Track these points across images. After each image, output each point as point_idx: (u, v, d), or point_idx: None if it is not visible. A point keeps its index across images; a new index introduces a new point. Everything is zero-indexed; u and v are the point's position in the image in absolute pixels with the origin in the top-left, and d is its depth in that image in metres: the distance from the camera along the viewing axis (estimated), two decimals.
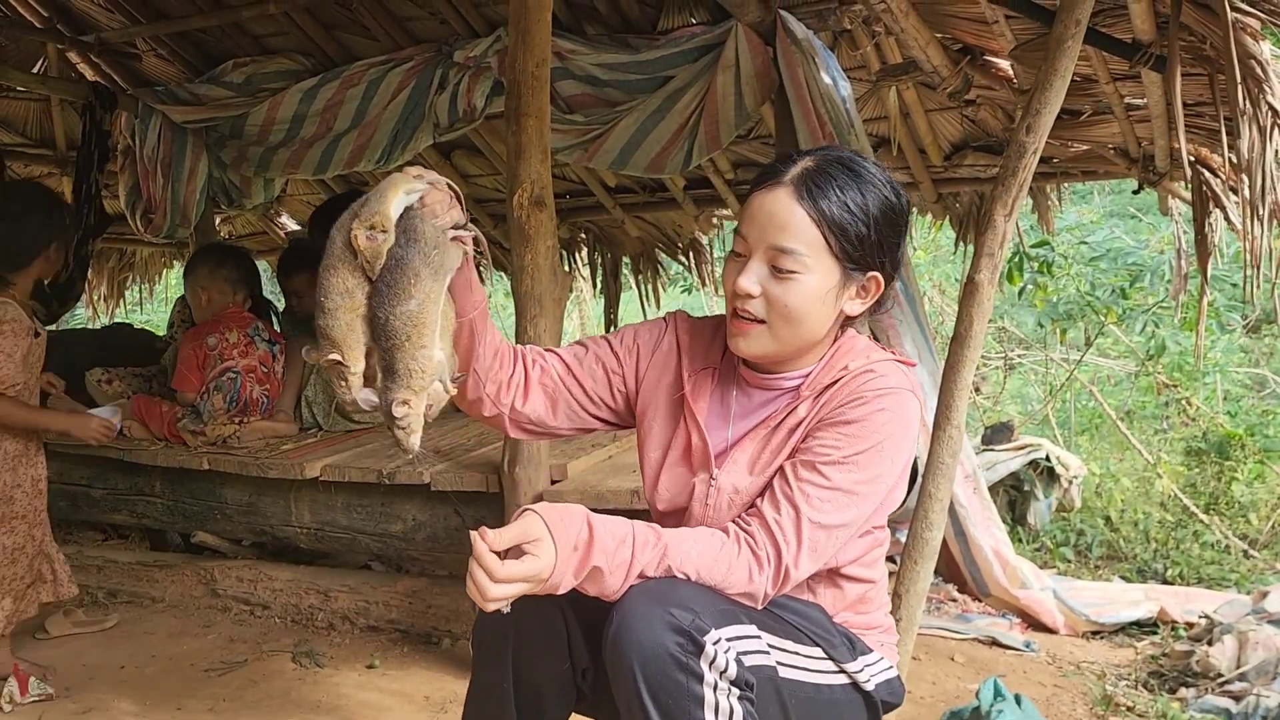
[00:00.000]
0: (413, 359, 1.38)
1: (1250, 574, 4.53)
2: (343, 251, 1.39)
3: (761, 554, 1.44)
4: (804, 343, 1.53)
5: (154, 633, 3.15)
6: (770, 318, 1.50)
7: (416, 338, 1.37)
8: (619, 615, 1.37)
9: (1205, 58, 2.59)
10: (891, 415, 1.49)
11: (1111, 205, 8.55)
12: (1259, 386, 6.74)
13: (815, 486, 1.47)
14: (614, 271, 5.98)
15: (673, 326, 1.73)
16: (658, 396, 1.69)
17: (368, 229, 1.36)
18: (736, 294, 1.51)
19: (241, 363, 3.51)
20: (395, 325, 1.36)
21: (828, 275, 1.48)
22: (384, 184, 1.41)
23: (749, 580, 1.44)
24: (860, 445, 1.47)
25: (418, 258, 1.37)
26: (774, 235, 1.48)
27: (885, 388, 1.50)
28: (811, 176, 1.49)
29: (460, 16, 3.99)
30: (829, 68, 3.42)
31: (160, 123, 4.50)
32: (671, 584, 1.40)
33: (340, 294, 1.38)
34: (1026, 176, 2.07)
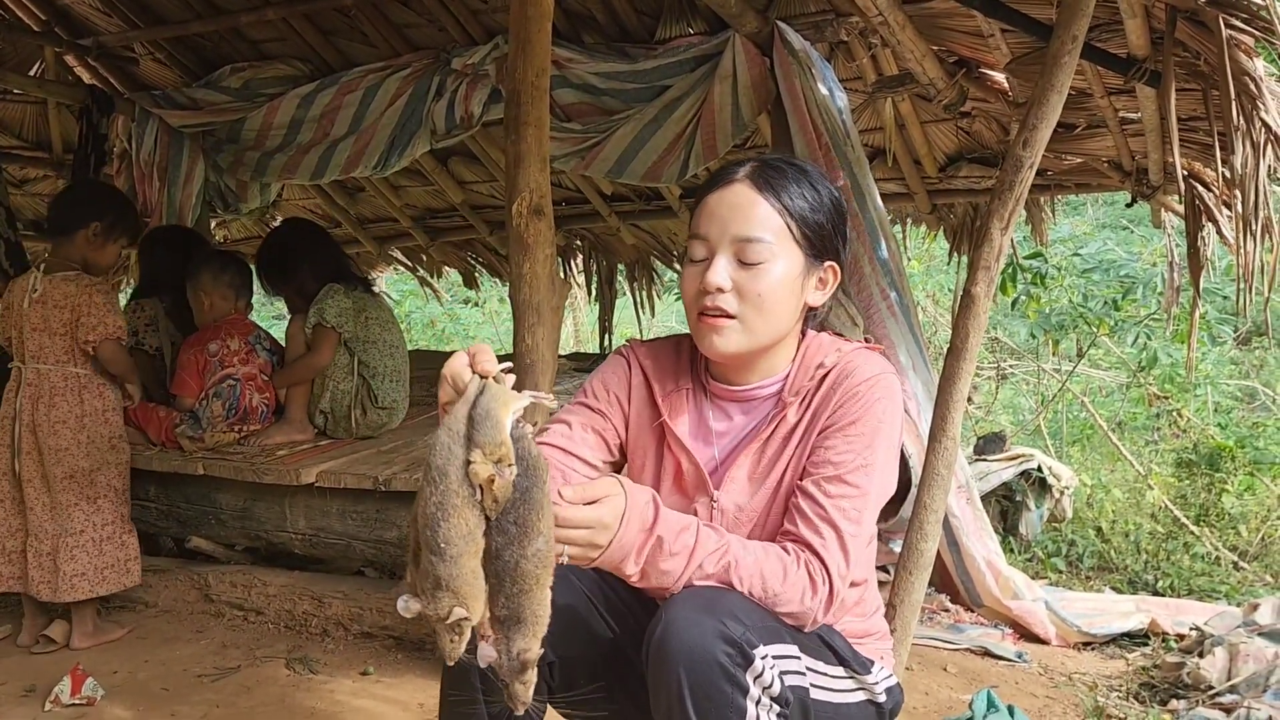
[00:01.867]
0: (540, 604, 1.24)
1: (1240, 586, 4.55)
2: (460, 487, 1.21)
3: (817, 577, 1.46)
4: (776, 334, 1.57)
5: (146, 638, 3.14)
6: (742, 310, 1.52)
7: (546, 578, 1.24)
8: (667, 617, 1.36)
9: (1199, 73, 2.62)
10: (887, 402, 1.54)
11: (1104, 217, 8.59)
12: (1249, 399, 6.77)
13: (847, 499, 1.49)
14: (609, 279, 6.00)
15: (634, 357, 1.73)
16: (641, 430, 1.70)
17: (494, 463, 1.21)
18: (705, 291, 1.53)
19: (242, 370, 3.50)
20: (527, 568, 1.22)
21: (793, 262, 1.54)
22: (489, 402, 1.25)
23: (801, 601, 1.45)
24: (868, 441, 1.51)
25: (539, 489, 1.23)
26: (739, 226, 1.52)
27: (873, 377, 1.55)
28: (764, 172, 1.56)
29: (459, 24, 4.00)
30: (826, 79, 3.45)
31: (157, 127, 4.51)
32: (721, 593, 1.40)
33: (463, 538, 1.20)
34: (1023, 191, 2.09)
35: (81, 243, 3.20)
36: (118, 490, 3.20)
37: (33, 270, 3.19)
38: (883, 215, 3.55)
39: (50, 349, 3.12)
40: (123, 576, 3.15)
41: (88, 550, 3.09)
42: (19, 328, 3.13)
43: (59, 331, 3.11)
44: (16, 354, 3.17)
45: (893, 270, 3.50)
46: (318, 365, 3.50)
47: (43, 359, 3.12)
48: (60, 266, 3.17)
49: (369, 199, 5.68)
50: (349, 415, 3.54)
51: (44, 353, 3.12)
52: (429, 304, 9.80)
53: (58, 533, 3.07)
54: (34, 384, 3.12)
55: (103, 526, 3.13)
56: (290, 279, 3.69)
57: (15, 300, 3.15)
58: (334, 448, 3.43)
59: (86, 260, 3.21)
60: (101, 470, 3.16)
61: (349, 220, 5.82)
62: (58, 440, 3.10)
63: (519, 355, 2.48)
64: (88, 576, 3.07)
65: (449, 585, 1.20)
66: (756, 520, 1.58)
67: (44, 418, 3.10)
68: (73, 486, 3.11)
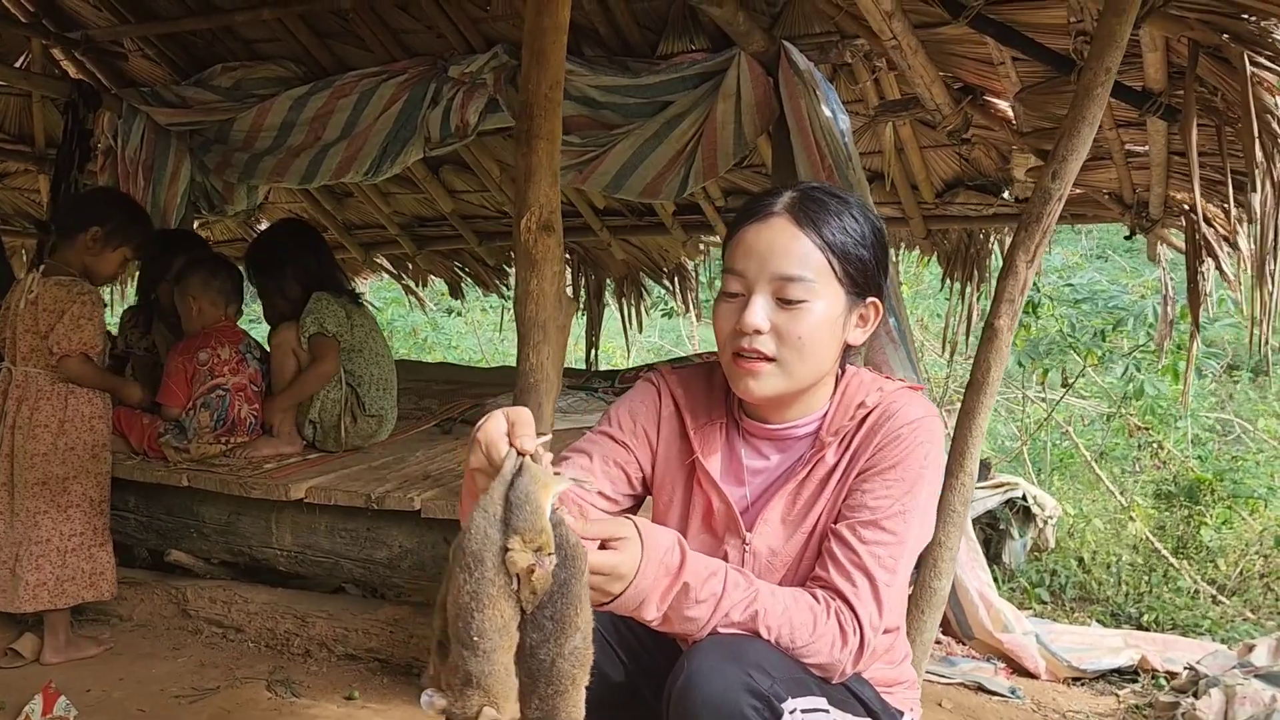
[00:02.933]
0: (576, 705, 1.15)
1: (1221, 620, 4.56)
2: (496, 575, 1.12)
3: (848, 628, 1.39)
4: (816, 377, 1.49)
5: (121, 654, 3.03)
6: (781, 353, 1.44)
7: (582, 677, 1.15)
8: (690, 667, 1.30)
9: (1214, 109, 2.61)
10: (930, 447, 1.47)
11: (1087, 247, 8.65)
12: (1225, 432, 6.82)
13: (883, 546, 1.42)
14: (597, 293, 5.94)
15: (664, 385, 1.65)
16: (670, 465, 1.62)
17: (533, 552, 1.12)
18: (742, 332, 1.45)
19: (232, 380, 3.40)
20: (563, 668, 1.14)
21: (835, 302, 1.46)
22: (528, 485, 1.16)
23: (830, 651, 1.38)
24: (908, 486, 1.45)
25: (578, 580, 1.15)
26: (779, 264, 1.44)
27: (916, 420, 1.48)
28: (805, 205, 1.47)
29: (458, 32, 3.94)
30: (829, 100, 3.42)
31: (144, 124, 4.42)
32: (748, 642, 1.33)
33: (498, 631, 1.12)
34: (1050, 223, 2.05)
35: (80, 247, 3.11)
36: (93, 501, 3.10)
37: (33, 271, 3.13)
38: None
39: (39, 352, 3.04)
40: (85, 590, 3.03)
41: (51, 560, 2.98)
42: (13, 328, 3.06)
43: (47, 334, 3.03)
44: (9, 355, 3.10)
45: (891, 296, 3.48)
46: (327, 374, 3.42)
47: (32, 361, 3.05)
48: (58, 270, 3.09)
49: (357, 204, 5.60)
50: (339, 424, 3.46)
51: (34, 355, 3.05)
52: (412, 312, 9.69)
53: (20, 540, 2.97)
54: (21, 385, 3.04)
55: (70, 537, 3.03)
56: (277, 280, 3.61)
57: (13, 300, 3.08)
58: (323, 462, 3.33)
59: (86, 266, 3.13)
60: (77, 479, 3.06)
61: (335, 225, 5.73)
62: (35, 445, 3.01)
63: (523, 374, 2.42)
64: (48, 587, 2.96)
65: (480, 682, 1.12)
66: (790, 566, 1.51)
67: (25, 420, 3.01)
68: (43, 494, 3.01)
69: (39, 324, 3.02)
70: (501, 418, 1.26)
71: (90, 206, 3.24)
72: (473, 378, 5.01)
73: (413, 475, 3.11)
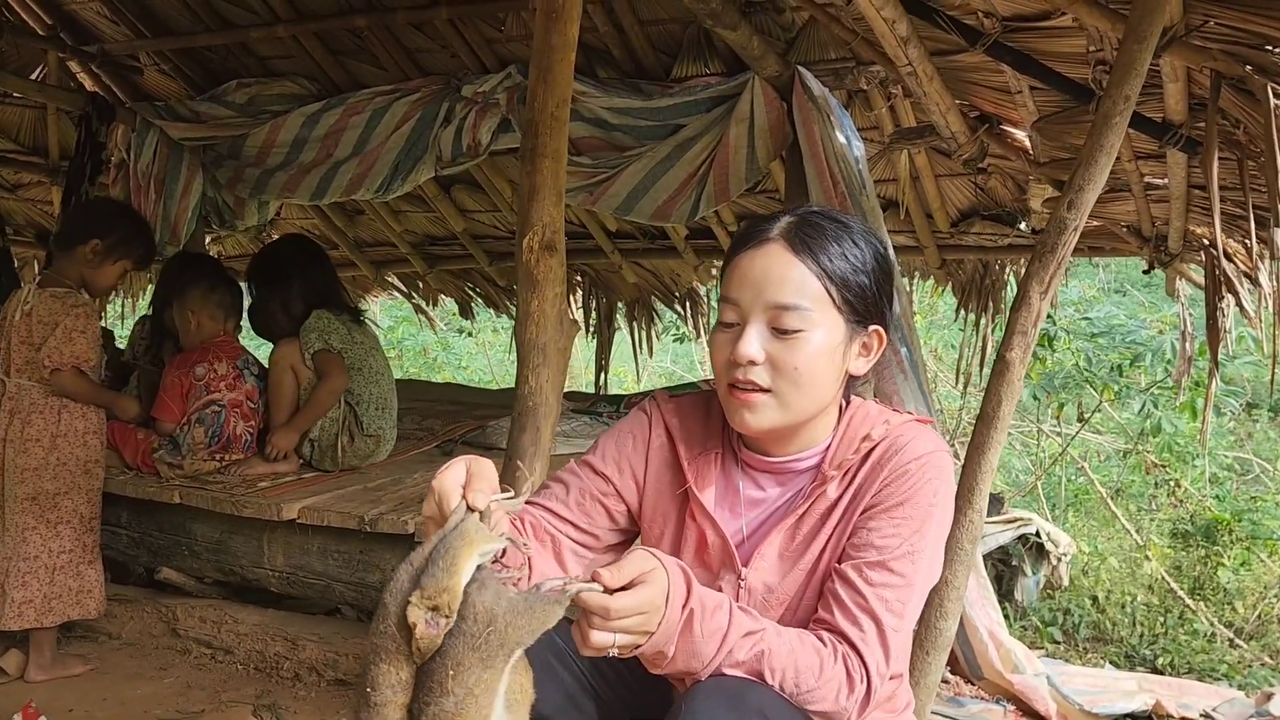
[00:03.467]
0: None
1: (1239, 665, 4.45)
2: (397, 630, 1.12)
3: (855, 674, 1.32)
4: (814, 409, 1.44)
5: (108, 672, 2.98)
6: (777, 384, 1.39)
7: None
8: (689, 710, 1.24)
9: (1236, 143, 2.55)
10: (939, 484, 1.41)
11: (1105, 281, 8.57)
12: (1244, 471, 6.71)
13: (890, 589, 1.36)
14: (608, 316, 5.90)
15: (657, 414, 1.59)
16: (661, 496, 1.55)
17: (429, 609, 1.10)
18: (735, 363, 1.39)
19: (228, 396, 3.37)
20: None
21: (833, 331, 1.41)
22: (454, 540, 1.14)
23: (836, 699, 1.31)
24: (917, 525, 1.39)
25: (461, 641, 1.11)
26: (773, 293, 1.39)
27: (925, 455, 1.42)
28: (801, 230, 1.42)
29: (472, 51, 3.93)
30: (844, 126, 3.38)
31: (157, 138, 4.42)
32: (750, 687, 1.27)
33: (390, 686, 1.12)
34: (1066, 253, 1.99)
35: (80, 259, 3.09)
36: (84, 518, 3.05)
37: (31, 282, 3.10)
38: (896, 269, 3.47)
39: (33, 364, 3.01)
40: (72, 608, 2.98)
41: (39, 577, 2.93)
42: (7, 340, 3.03)
43: (36, 346, 3.00)
44: (3, 367, 3.05)
45: (903, 325, 3.42)
46: (339, 389, 3.40)
47: (26, 374, 3.01)
48: (55, 281, 3.07)
49: (368, 222, 5.59)
50: (335, 444, 3.41)
51: (28, 368, 3.01)
52: (422, 332, 9.68)
53: (9, 556, 2.92)
54: (14, 398, 3.00)
55: (59, 554, 2.97)
56: (278, 294, 3.58)
57: (9, 311, 3.05)
58: (318, 481, 3.29)
59: (84, 278, 3.10)
60: (68, 495, 3.01)
61: (346, 243, 5.72)
62: (27, 459, 2.97)
63: (522, 397, 2.36)
64: (35, 605, 2.91)
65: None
66: (789, 604, 1.45)
67: (16, 434, 2.97)
68: (33, 509, 2.96)
69: (33, 336, 2.99)
70: (462, 468, 1.23)
71: (91, 219, 3.22)
72: (478, 399, 4.96)
73: (409, 497, 3.06)
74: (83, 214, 3.30)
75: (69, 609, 2.98)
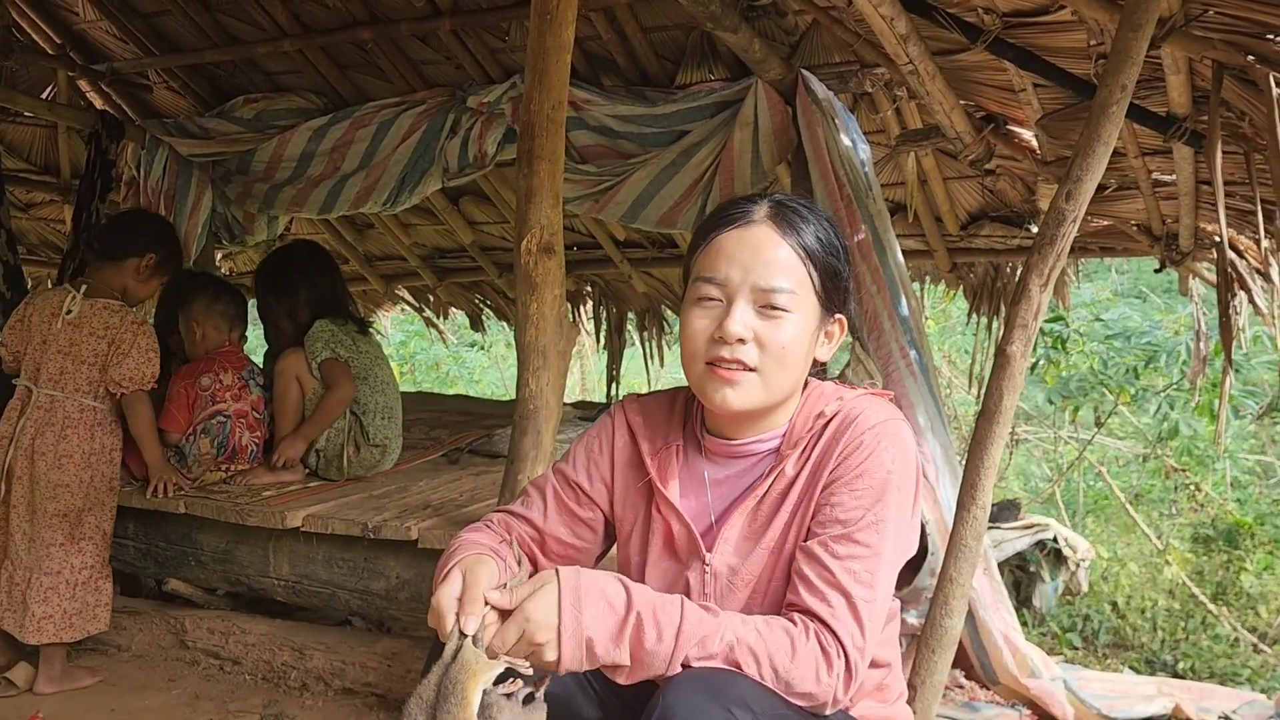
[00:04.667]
0: None
1: (1262, 669, 4.39)
2: None
3: (830, 650, 1.29)
4: (790, 390, 1.45)
5: (116, 684, 2.97)
6: (764, 363, 1.40)
7: None
8: (666, 703, 1.22)
9: (1241, 135, 2.52)
10: (896, 451, 1.40)
11: (1121, 284, 8.50)
12: (1266, 474, 6.62)
13: (857, 560, 1.34)
14: (618, 327, 5.89)
15: (621, 415, 1.61)
16: (628, 493, 1.56)
17: None
18: (723, 341, 1.39)
19: (234, 406, 3.37)
20: None
21: (810, 315, 1.44)
22: (458, 673, 1.22)
23: (816, 679, 1.28)
24: (877, 494, 1.37)
25: None
26: (762, 273, 1.40)
27: (878, 424, 1.42)
28: (784, 214, 1.44)
29: (476, 62, 3.94)
30: (849, 130, 3.37)
31: (166, 155, 4.45)
32: (729, 677, 1.25)
33: None
34: (1065, 245, 1.97)
35: (130, 271, 3.06)
36: (105, 534, 3.02)
37: (68, 289, 3.00)
38: (903, 271, 3.45)
39: (72, 376, 2.93)
40: (89, 623, 2.96)
41: (60, 593, 2.90)
42: (41, 347, 2.94)
43: (88, 360, 2.93)
44: (28, 374, 2.98)
45: (913, 328, 3.39)
46: (347, 398, 3.39)
47: (61, 385, 2.93)
48: (101, 292, 3.00)
49: (377, 236, 5.61)
50: (341, 453, 3.40)
51: (64, 379, 2.93)
52: (434, 346, 9.70)
53: (31, 569, 2.90)
54: (45, 409, 2.93)
55: (80, 570, 2.95)
56: (284, 300, 3.58)
57: (41, 318, 2.96)
58: (324, 490, 3.28)
59: (126, 290, 3.07)
60: (93, 511, 2.98)
61: (356, 257, 5.74)
62: (60, 475, 2.91)
63: (522, 400, 2.35)
64: (54, 620, 2.89)
65: None
66: (755, 586, 1.43)
67: (49, 447, 2.90)
68: (62, 525, 2.92)
69: (81, 348, 2.91)
70: (458, 581, 1.29)
71: (144, 231, 3.16)
72: (487, 409, 4.95)
73: (413, 505, 3.05)
74: (132, 226, 3.20)
75: (88, 624, 2.95)
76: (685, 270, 1.51)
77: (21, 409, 2.96)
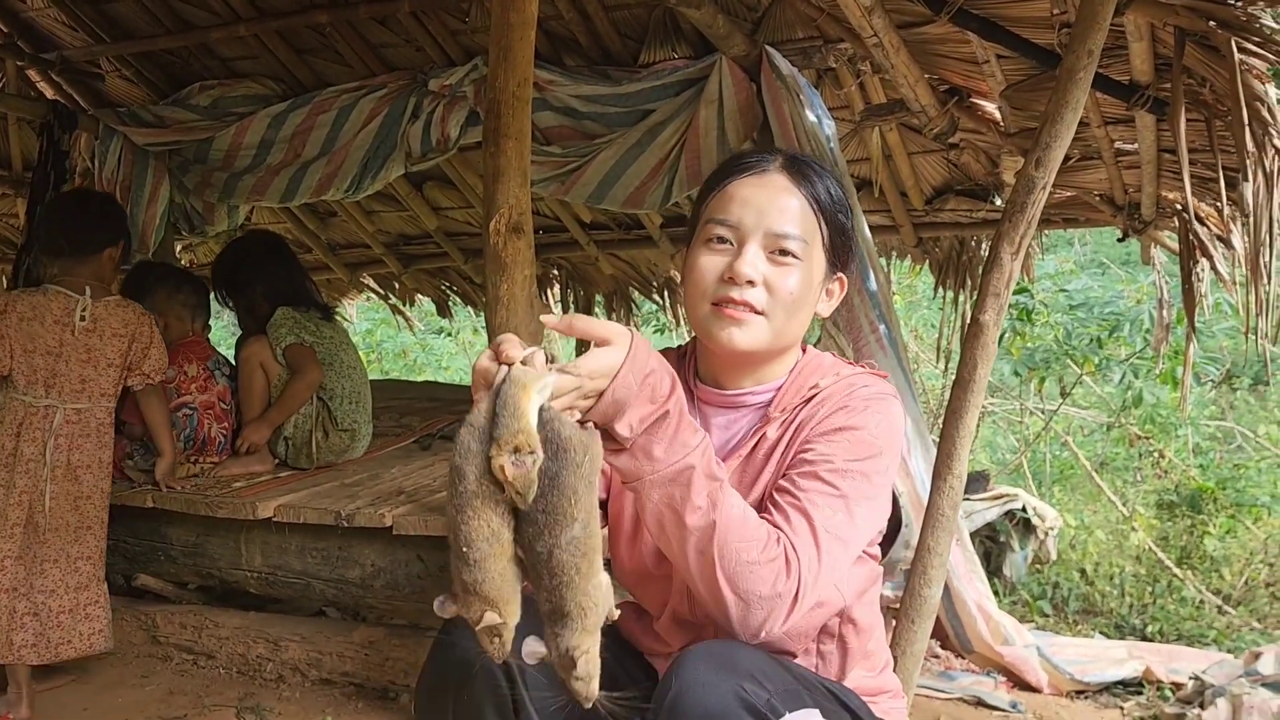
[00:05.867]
0: (585, 594, 1.16)
1: (1228, 631, 4.47)
2: (479, 486, 1.15)
3: (792, 561, 1.27)
4: (792, 340, 1.47)
5: (88, 683, 2.93)
6: (771, 307, 1.41)
7: (587, 567, 1.16)
8: (682, 679, 1.22)
9: (1203, 102, 2.54)
10: (883, 419, 1.41)
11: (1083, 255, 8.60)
12: (1226, 439, 6.74)
13: (822, 495, 1.33)
14: (586, 309, 5.86)
15: None
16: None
17: (512, 454, 1.13)
18: (734, 281, 1.40)
19: (199, 398, 3.31)
20: (562, 559, 1.15)
21: (818, 267, 1.46)
22: (510, 390, 1.16)
23: (774, 582, 1.26)
24: (858, 452, 1.36)
25: (571, 472, 1.15)
26: (776, 219, 1.42)
27: (870, 394, 1.43)
28: (799, 166, 1.47)
29: (437, 44, 3.89)
30: (814, 105, 3.37)
31: (121, 145, 4.36)
32: (740, 650, 1.26)
33: (486, 540, 1.16)
34: (1035, 213, 1.98)
35: (106, 263, 2.92)
36: (102, 552, 2.86)
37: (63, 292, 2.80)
38: (871, 246, 3.46)
39: (96, 383, 2.78)
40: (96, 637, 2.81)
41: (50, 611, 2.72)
42: (53, 359, 2.74)
43: (114, 363, 2.80)
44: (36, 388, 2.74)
45: (881, 303, 3.41)
46: (314, 383, 3.35)
47: (88, 395, 2.78)
48: (98, 290, 2.85)
49: (341, 224, 5.54)
50: (310, 440, 3.37)
51: (87, 387, 2.78)
52: (401, 333, 9.62)
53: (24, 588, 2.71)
54: (75, 422, 2.77)
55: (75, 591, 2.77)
56: (242, 295, 3.52)
57: (41, 327, 2.74)
58: (294, 480, 3.24)
59: (102, 281, 2.92)
60: (91, 529, 2.83)
61: (320, 245, 5.67)
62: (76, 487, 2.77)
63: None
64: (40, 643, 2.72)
65: (476, 590, 1.17)
66: None
67: (91, 459, 2.78)
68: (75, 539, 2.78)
69: (105, 352, 2.78)
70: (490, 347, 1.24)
71: (109, 216, 3.03)
72: (456, 395, 4.92)
73: (386, 491, 3.02)
74: (95, 216, 2.99)
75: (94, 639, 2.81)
76: (693, 216, 1.52)
77: (35, 425, 2.74)
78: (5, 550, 2.69)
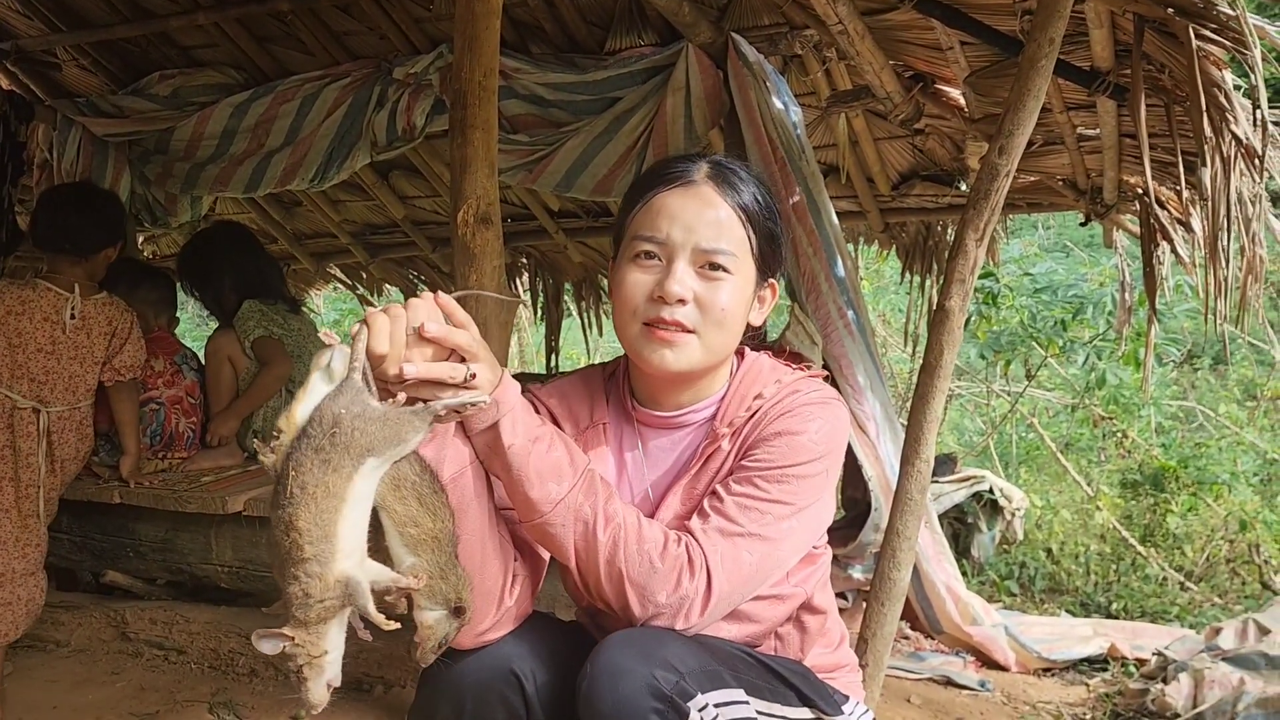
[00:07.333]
0: (294, 579, 1.09)
1: (1190, 606, 4.56)
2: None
3: (696, 560, 1.30)
4: (726, 354, 1.45)
5: (57, 680, 2.90)
6: (703, 325, 1.38)
7: (296, 551, 1.08)
8: (594, 668, 1.23)
9: (1162, 88, 2.57)
10: (824, 424, 1.41)
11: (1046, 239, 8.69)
12: (1188, 419, 6.86)
13: (749, 498, 1.35)
14: (555, 298, 5.86)
15: (536, 400, 1.55)
16: None
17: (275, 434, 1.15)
18: (664, 301, 1.37)
19: (166, 393, 3.28)
20: (274, 535, 1.10)
21: (748, 278, 1.44)
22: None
23: (678, 583, 1.29)
24: (795, 458, 1.37)
25: (304, 444, 1.11)
26: (705, 234, 1.39)
27: (810, 400, 1.42)
28: (724, 174, 1.43)
29: (401, 33, 3.85)
30: (780, 92, 3.38)
31: (80, 136, 4.28)
32: (656, 637, 1.27)
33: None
34: (999, 200, 2.00)
35: (101, 262, 2.94)
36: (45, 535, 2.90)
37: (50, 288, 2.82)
38: (838, 232, 3.48)
39: (83, 379, 2.82)
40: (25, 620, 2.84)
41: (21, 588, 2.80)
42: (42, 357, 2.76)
43: (99, 360, 2.84)
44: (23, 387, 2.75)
45: (849, 289, 3.43)
46: (283, 375, 3.33)
47: (74, 391, 2.82)
48: (87, 288, 2.87)
49: (306, 214, 5.48)
50: None
51: (75, 384, 2.82)
52: None
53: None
54: (64, 418, 2.82)
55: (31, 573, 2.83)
56: (209, 287, 3.49)
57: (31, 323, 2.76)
58: (264, 473, 3.20)
59: (90, 278, 2.95)
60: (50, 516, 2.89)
61: (285, 236, 5.61)
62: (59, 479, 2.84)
63: None
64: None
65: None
66: None
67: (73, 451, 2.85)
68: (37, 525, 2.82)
69: (92, 350, 2.81)
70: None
71: (111, 219, 3.06)
72: None
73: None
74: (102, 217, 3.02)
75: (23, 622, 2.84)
76: (619, 229, 1.48)
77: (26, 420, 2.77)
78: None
